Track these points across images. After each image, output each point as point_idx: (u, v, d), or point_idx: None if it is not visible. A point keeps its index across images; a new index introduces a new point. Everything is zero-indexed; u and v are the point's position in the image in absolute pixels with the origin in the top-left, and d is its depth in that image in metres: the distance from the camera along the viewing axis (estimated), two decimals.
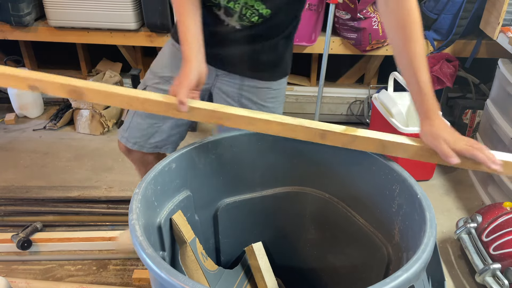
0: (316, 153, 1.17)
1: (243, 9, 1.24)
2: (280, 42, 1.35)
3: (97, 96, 1.09)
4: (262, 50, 1.34)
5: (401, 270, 0.75)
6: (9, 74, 1.09)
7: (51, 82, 1.08)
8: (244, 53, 1.34)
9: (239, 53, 1.34)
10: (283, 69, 1.43)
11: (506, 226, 1.75)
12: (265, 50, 1.34)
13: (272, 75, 1.41)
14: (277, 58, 1.39)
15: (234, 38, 1.31)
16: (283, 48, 1.38)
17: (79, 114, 2.90)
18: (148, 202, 0.98)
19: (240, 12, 1.24)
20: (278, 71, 1.42)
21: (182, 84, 1.10)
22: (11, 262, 1.88)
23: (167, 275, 0.75)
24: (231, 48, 1.34)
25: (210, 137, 1.16)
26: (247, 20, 1.26)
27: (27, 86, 1.09)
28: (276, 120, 1.05)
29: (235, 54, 1.34)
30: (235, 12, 1.25)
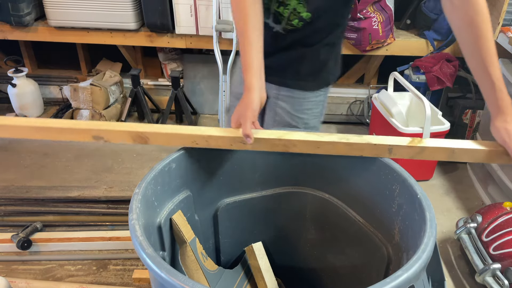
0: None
1: (291, 15, 1.24)
2: (321, 50, 1.31)
3: (161, 139, 1.07)
4: (301, 57, 1.32)
5: (401, 270, 0.75)
6: (72, 128, 1.06)
7: (116, 131, 1.06)
8: (283, 60, 1.33)
9: (278, 61, 1.33)
10: (322, 79, 1.38)
11: (506, 226, 1.75)
12: (305, 57, 1.32)
13: (309, 85, 1.36)
14: (316, 67, 1.35)
15: (275, 44, 1.30)
16: (325, 56, 1.34)
17: (79, 114, 2.90)
18: (148, 202, 0.98)
19: (288, 17, 1.24)
20: (316, 81, 1.37)
21: (246, 116, 1.07)
22: (11, 262, 1.88)
23: (167, 275, 0.75)
24: (271, 55, 1.30)
25: None
26: (291, 26, 1.25)
27: (91, 137, 1.06)
28: (342, 141, 1.05)
29: (274, 62, 1.31)
30: (283, 18, 1.25)
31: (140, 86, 2.90)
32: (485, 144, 1.05)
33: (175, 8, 2.63)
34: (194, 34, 2.72)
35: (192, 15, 2.64)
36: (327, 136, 1.07)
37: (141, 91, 2.90)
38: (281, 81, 1.36)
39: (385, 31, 2.61)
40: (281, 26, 1.26)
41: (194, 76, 3.11)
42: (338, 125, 3.08)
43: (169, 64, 3.20)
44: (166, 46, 2.91)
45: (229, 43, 2.62)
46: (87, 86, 2.82)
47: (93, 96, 2.83)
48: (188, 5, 2.61)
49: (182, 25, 2.69)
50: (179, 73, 2.89)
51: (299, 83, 1.35)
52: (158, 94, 3.20)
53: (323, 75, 1.37)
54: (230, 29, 2.51)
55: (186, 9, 2.63)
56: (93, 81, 2.87)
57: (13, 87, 2.90)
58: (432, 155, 1.06)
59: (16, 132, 1.07)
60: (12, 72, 2.88)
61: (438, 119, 2.35)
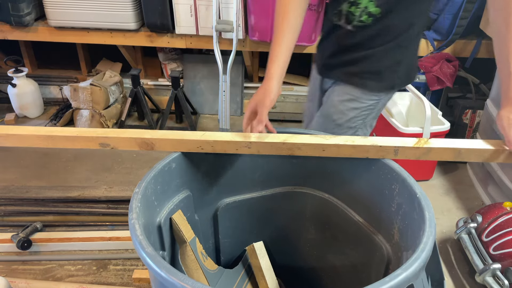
0: None
1: (362, 14, 1.25)
2: (390, 51, 1.29)
3: (167, 145, 1.08)
4: (365, 56, 1.30)
5: (401, 269, 0.75)
6: (78, 136, 1.07)
7: (122, 138, 1.07)
8: (347, 58, 1.34)
9: (342, 58, 1.35)
10: (384, 82, 1.34)
11: (506, 226, 1.75)
12: (370, 56, 1.30)
13: (367, 84, 1.33)
14: (380, 68, 1.32)
15: (342, 43, 1.33)
16: (393, 58, 1.31)
17: (79, 114, 2.90)
18: (148, 202, 0.98)
19: (359, 16, 1.26)
20: (375, 82, 1.33)
21: (264, 103, 1.14)
22: (11, 262, 1.88)
23: (167, 274, 0.75)
24: (336, 54, 1.37)
25: None
26: (360, 23, 1.26)
27: (98, 144, 1.08)
28: (347, 143, 1.05)
29: (337, 59, 1.36)
30: (354, 17, 1.26)
31: (140, 86, 2.90)
32: (491, 143, 1.05)
33: (175, 8, 2.63)
34: (194, 34, 2.72)
35: (192, 15, 2.64)
36: (332, 138, 1.07)
37: (141, 91, 2.90)
38: (339, 76, 1.37)
39: None
40: (352, 25, 1.28)
41: (194, 76, 3.12)
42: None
43: (169, 64, 3.20)
44: (166, 46, 2.91)
45: (229, 43, 2.62)
46: (87, 86, 2.82)
47: (93, 96, 2.83)
48: (188, 5, 2.61)
49: (182, 25, 2.69)
50: (179, 73, 2.89)
51: (354, 79, 1.34)
52: (158, 94, 3.20)
53: (386, 77, 1.33)
54: (230, 29, 2.51)
55: (186, 9, 2.63)
56: (93, 81, 2.87)
57: (13, 87, 2.90)
58: (439, 156, 1.06)
59: (24, 141, 1.09)
60: (12, 72, 2.89)
61: (438, 119, 2.35)
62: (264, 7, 2.52)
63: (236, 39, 2.55)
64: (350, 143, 1.06)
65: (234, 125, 2.99)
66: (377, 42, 1.28)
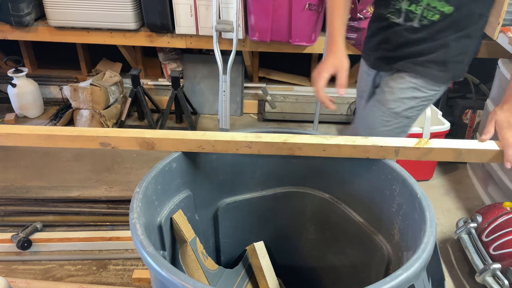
0: None
1: (424, 11, 1.25)
2: (460, 41, 1.29)
3: (167, 145, 1.08)
4: (431, 48, 1.30)
5: (401, 269, 0.75)
6: (80, 136, 1.07)
7: (123, 137, 1.07)
8: (410, 51, 1.33)
9: (404, 52, 1.35)
10: (448, 73, 1.34)
11: (506, 226, 1.75)
12: (436, 48, 1.30)
13: (431, 74, 1.33)
14: (445, 60, 1.32)
15: (406, 37, 1.32)
16: (463, 47, 1.31)
17: (79, 114, 2.90)
18: (148, 201, 0.98)
19: (421, 14, 1.26)
20: (441, 73, 1.33)
21: (344, 65, 1.29)
22: (11, 262, 1.88)
23: (168, 273, 0.75)
24: (395, 49, 1.37)
25: None
26: (426, 21, 1.26)
27: (99, 144, 1.08)
28: (348, 143, 1.05)
29: (397, 53, 1.37)
30: (415, 16, 1.27)
31: (140, 86, 2.90)
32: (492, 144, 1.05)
33: (175, 8, 2.63)
34: (194, 34, 2.72)
35: (192, 15, 2.64)
36: (332, 138, 1.07)
37: (141, 91, 2.90)
38: (402, 66, 1.36)
39: None
40: (415, 23, 1.28)
41: (194, 76, 3.12)
42: (338, 125, 3.08)
43: (169, 64, 3.20)
44: (166, 46, 2.91)
45: (229, 43, 2.62)
46: (87, 86, 2.82)
47: (93, 96, 2.83)
48: (188, 5, 2.61)
49: (182, 25, 2.69)
50: (179, 73, 2.89)
51: (418, 68, 1.33)
52: (158, 94, 3.20)
53: (451, 68, 1.34)
54: (230, 29, 2.51)
55: (186, 9, 2.63)
56: (93, 81, 2.87)
57: (13, 87, 2.90)
58: (439, 156, 1.06)
59: (25, 141, 1.09)
60: (12, 72, 2.88)
61: (438, 119, 2.35)
62: (264, 7, 2.52)
63: (236, 39, 2.55)
64: (350, 143, 1.06)
65: (234, 125, 2.99)
66: (446, 35, 1.28)
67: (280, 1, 2.51)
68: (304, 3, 2.48)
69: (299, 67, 3.20)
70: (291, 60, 3.13)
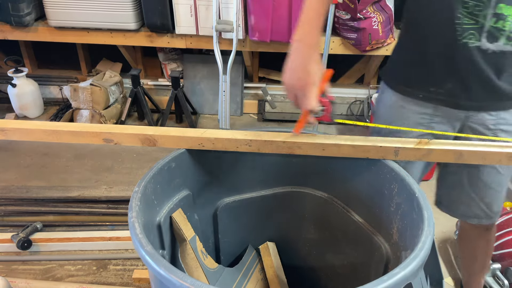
0: None
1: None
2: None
3: (169, 142, 1.09)
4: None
5: (399, 268, 0.75)
6: (83, 131, 1.09)
7: (125, 134, 1.09)
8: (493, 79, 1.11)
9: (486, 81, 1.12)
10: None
11: (506, 226, 1.75)
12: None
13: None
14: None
15: (499, 65, 1.10)
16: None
17: (79, 114, 2.90)
18: (148, 201, 0.98)
19: (510, 31, 1.05)
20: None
21: (307, 83, 0.95)
22: (11, 262, 1.88)
23: (166, 272, 0.75)
24: (493, 79, 1.11)
25: None
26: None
27: (102, 139, 1.10)
28: (347, 143, 1.05)
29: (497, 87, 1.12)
30: (502, 33, 1.05)
31: (140, 86, 2.91)
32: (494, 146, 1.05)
33: (175, 8, 2.63)
34: (194, 34, 2.72)
35: (192, 15, 2.64)
36: (332, 138, 1.08)
37: (141, 91, 2.90)
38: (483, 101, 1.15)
39: (385, 31, 2.62)
40: (500, 44, 1.06)
41: (194, 76, 3.12)
42: (338, 125, 3.08)
43: (169, 64, 3.20)
44: (166, 46, 2.91)
45: (229, 43, 2.62)
46: (87, 86, 2.83)
47: (93, 96, 2.83)
48: (188, 5, 2.62)
49: (182, 25, 2.69)
50: (179, 73, 2.90)
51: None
52: (158, 94, 3.21)
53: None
54: (230, 29, 2.51)
55: (186, 9, 2.63)
56: (93, 81, 2.87)
57: (13, 87, 2.91)
58: (439, 157, 1.06)
59: (30, 135, 1.11)
60: (12, 72, 2.89)
61: None
62: (264, 7, 2.53)
63: (236, 39, 2.55)
64: (350, 143, 1.06)
65: (234, 125, 2.99)
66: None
67: (280, 1, 2.51)
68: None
69: None
70: None
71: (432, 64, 1.13)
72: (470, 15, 1.04)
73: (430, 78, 1.15)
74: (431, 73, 1.15)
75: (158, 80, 3.29)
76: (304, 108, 0.97)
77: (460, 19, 1.04)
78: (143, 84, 3.07)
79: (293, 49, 0.97)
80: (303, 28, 0.98)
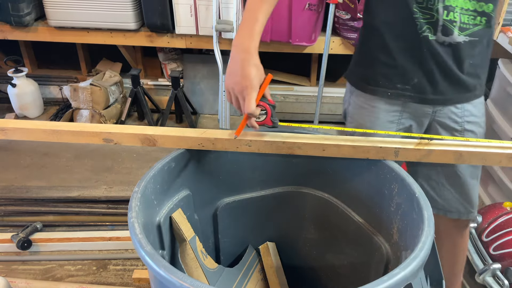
0: None
1: (462, 17, 1.08)
2: (483, 48, 1.14)
3: (168, 142, 1.10)
4: (483, 62, 1.17)
5: (399, 268, 0.75)
6: (84, 131, 1.10)
7: (125, 134, 1.09)
8: (467, 71, 1.15)
9: (459, 76, 1.15)
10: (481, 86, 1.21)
11: (506, 226, 1.75)
12: (487, 58, 1.17)
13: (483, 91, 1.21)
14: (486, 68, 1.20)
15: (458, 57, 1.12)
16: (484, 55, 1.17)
17: (79, 114, 2.90)
18: (147, 201, 0.98)
19: (460, 21, 1.08)
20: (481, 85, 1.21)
21: (248, 88, 0.94)
22: (11, 262, 1.88)
23: (166, 272, 0.75)
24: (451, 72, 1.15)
25: None
26: (470, 26, 1.09)
27: (102, 139, 1.10)
28: (348, 143, 1.06)
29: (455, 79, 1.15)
30: (455, 24, 1.08)
31: (140, 86, 2.91)
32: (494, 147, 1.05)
33: (175, 8, 2.63)
34: (194, 34, 2.72)
35: (192, 15, 2.64)
36: (332, 138, 1.08)
37: (141, 91, 2.90)
38: (467, 94, 1.20)
39: None
40: (454, 36, 1.09)
41: (194, 76, 3.12)
42: (337, 125, 3.08)
43: (169, 64, 3.20)
44: (166, 46, 2.91)
45: (229, 43, 2.62)
46: (87, 86, 2.83)
47: (93, 96, 2.83)
48: (188, 5, 2.62)
49: (182, 25, 2.69)
50: (179, 73, 2.90)
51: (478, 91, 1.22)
52: (158, 94, 3.20)
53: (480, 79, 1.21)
54: (230, 29, 2.51)
55: (186, 9, 2.63)
56: (93, 81, 2.87)
57: (13, 87, 2.90)
58: (439, 158, 1.06)
59: (30, 135, 1.12)
60: (12, 72, 2.89)
61: None
62: None
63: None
64: (350, 144, 1.06)
65: (234, 125, 2.99)
66: (488, 42, 1.15)
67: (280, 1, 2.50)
68: (304, 3, 2.48)
69: (299, 67, 3.20)
70: (291, 60, 3.13)
71: (397, 60, 1.14)
72: (425, 10, 1.07)
73: (396, 75, 1.17)
74: (397, 70, 1.16)
75: (158, 80, 3.28)
76: (244, 112, 0.97)
77: (417, 13, 1.08)
78: (143, 84, 3.07)
79: (232, 54, 0.99)
80: (241, 32, 1.00)
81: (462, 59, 1.12)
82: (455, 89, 1.17)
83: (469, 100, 1.21)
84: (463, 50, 1.11)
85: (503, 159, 1.05)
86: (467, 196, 1.31)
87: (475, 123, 1.24)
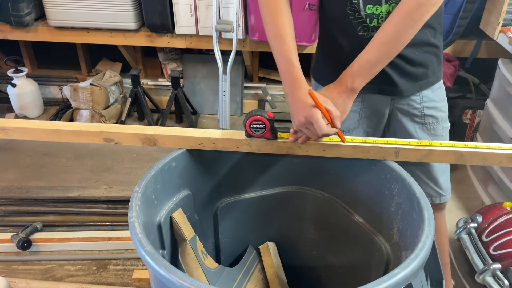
0: None
1: (380, 20, 1.12)
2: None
3: (169, 141, 1.10)
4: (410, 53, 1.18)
5: (399, 268, 0.75)
6: (84, 131, 1.10)
7: (126, 133, 1.10)
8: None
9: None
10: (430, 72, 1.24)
11: (506, 226, 1.75)
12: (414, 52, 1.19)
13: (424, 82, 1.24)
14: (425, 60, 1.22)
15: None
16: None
17: (79, 114, 2.90)
18: (148, 201, 0.98)
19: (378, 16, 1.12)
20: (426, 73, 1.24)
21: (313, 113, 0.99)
22: (11, 262, 1.88)
23: (166, 272, 0.75)
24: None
25: None
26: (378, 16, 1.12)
27: (102, 139, 1.11)
28: (348, 143, 1.06)
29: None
30: (374, 15, 1.12)
31: (140, 86, 2.90)
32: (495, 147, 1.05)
33: (175, 8, 2.63)
34: (194, 34, 2.72)
35: (192, 15, 2.64)
36: (332, 138, 1.08)
37: (141, 91, 2.90)
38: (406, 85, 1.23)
39: None
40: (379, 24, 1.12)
41: (194, 76, 3.12)
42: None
43: (169, 64, 3.20)
44: (166, 46, 2.91)
45: (229, 43, 2.62)
46: (87, 86, 2.83)
47: (93, 96, 2.83)
48: (188, 5, 2.61)
49: (182, 25, 2.69)
50: (179, 73, 2.89)
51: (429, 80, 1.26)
52: (158, 94, 3.20)
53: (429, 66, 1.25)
54: (230, 29, 2.51)
55: (186, 9, 2.63)
56: (93, 81, 2.87)
57: (13, 87, 2.90)
58: (440, 158, 1.06)
59: (30, 135, 1.12)
60: (12, 72, 2.89)
61: None
62: None
63: (236, 39, 2.55)
64: (350, 144, 1.06)
65: (234, 125, 2.99)
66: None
67: None
68: (304, 3, 2.48)
69: None
70: None
71: (348, 56, 1.15)
72: (356, 12, 1.13)
73: None
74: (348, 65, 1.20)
75: (158, 80, 3.28)
76: (320, 136, 1.02)
77: (351, 15, 1.13)
78: (143, 84, 3.07)
79: (288, 101, 1.09)
80: (286, 82, 1.09)
81: (400, 54, 1.12)
82: (406, 80, 1.21)
83: (424, 88, 1.25)
84: None
85: (503, 159, 1.05)
86: (436, 181, 1.37)
87: (434, 108, 1.31)
